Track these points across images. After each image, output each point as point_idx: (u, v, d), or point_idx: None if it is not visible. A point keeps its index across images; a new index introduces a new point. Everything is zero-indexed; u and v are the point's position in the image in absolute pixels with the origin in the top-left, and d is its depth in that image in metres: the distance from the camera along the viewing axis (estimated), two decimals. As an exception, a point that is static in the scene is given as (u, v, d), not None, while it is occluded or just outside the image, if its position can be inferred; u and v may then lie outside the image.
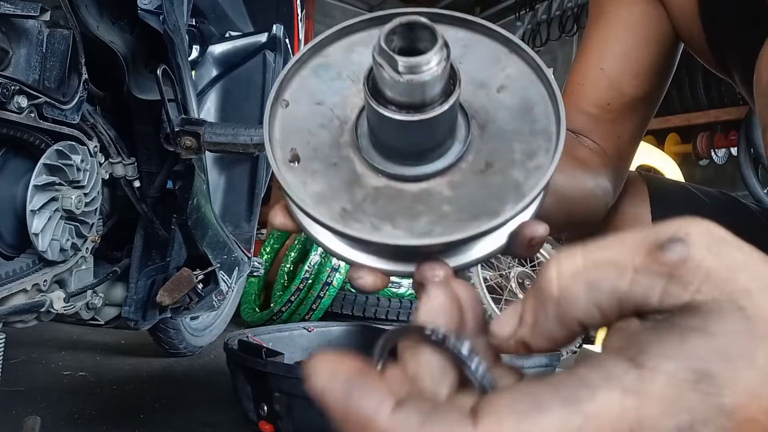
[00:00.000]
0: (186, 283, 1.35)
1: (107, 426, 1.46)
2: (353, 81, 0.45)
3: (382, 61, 0.36)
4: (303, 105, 0.44)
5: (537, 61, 0.43)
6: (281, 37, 1.69)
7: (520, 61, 0.44)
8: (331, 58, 0.46)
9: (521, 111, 0.43)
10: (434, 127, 0.39)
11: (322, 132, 0.44)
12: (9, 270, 1.07)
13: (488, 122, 0.43)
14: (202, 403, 1.68)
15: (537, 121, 0.43)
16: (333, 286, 2.65)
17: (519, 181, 0.40)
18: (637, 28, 0.82)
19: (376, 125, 0.41)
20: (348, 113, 0.44)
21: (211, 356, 2.24)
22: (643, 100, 0.84)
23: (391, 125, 0.39)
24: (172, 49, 1.20)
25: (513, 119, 0.43)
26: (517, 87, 0.44)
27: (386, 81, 0.37)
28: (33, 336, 2.18)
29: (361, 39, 0.46)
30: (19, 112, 0.98)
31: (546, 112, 0.43)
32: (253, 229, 1.79)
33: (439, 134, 0.41)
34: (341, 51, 0.46)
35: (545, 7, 5.93)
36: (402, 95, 0.37)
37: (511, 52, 0.45)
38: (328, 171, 0.43)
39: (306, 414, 1.37)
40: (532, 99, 0.43)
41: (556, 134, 0.41)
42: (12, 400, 1.55)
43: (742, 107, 3.96)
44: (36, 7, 1.00)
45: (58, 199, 1.12)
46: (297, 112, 0.44)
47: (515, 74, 0.44)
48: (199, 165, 1.35)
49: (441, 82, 0.37)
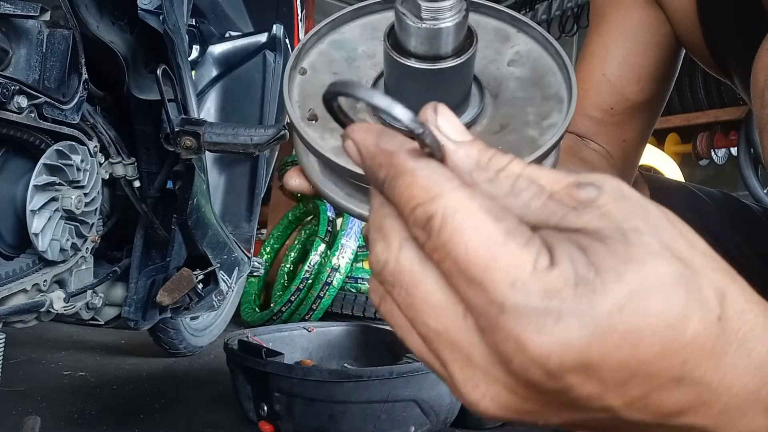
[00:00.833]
0: (186, 283, 1.35)
1: (107, 426, 1.46)
2: (368, 56, 0.47)
3: (404, 9, 0.37)
4: (320, 74, 0.47)
5: (545, 36, 0.45)
6: (281, 37, 1.69)
7: (528, 38, 0.46)
8: (347, 35, 0.48)
9: (532, 80, 0.45)
10: (451, 80, 0.41)
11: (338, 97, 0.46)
12: (9, 270, 1.07)
13: (500, 92, 0.45)
14: (202, 403, 1.68)
15: (548, 87, 0.44)
16: (333, 286, 2.65)
17: (534, 137, 0.42)
18: (638, 33, 0.83)
19: (394, 81, 0.42)
20: (363, 83, 0.46)
21: (211, 356, 2.24)
22: (647, 104, 0.84)
23: (410, 78, 0.40)
24: (172, 49, 1.20)
25: (525, 88, 0.45)
26: (528, 60, 0.46)
27: (408, 28, 0.38)
28: (33, 336, 2.18)
29: (376, 20, 0.48)
30: (19, 112, 0.98)
31: (556, 80, 0.44)
32: (253, 229, 1.79)
33: (456, 91, 0.42)
34: (356, 29, 0.48)
35: (545, 7, 5.93)
36: (423, 43, 0.38)
37: (519, 31, 0.47)
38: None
39: (306, 414, 1.37)
40: (542, 69, 0.45)
41: (568, 97, 0.43)
42: (12, 400, 1.55)
43: (742, 107, 3.96)
44: (36, 7, 1.00)
45: (58, 199, 1.12)
46: (314, 79, 0.46)
47: (524, 50, 0.46)
48: (199, 165, 1.35)
49: (460, 33, 0.39)
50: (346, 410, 1.36)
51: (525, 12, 5.98)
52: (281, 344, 1.72)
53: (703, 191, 0.93)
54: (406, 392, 1.39)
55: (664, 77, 0.86)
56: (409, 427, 1.42)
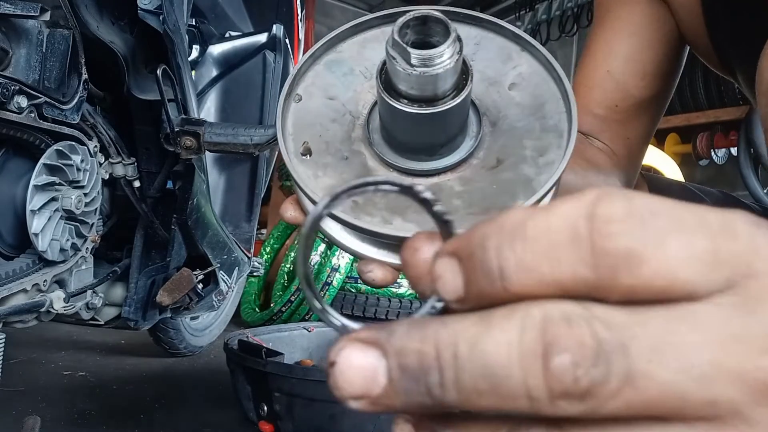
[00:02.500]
0: (186, 283, 1.35)
1: (107, 426, 1.45)
2: (366, 77, 0.45)
3: (395, 53, 0.36)
4: (316, 99, 0.45)
5: (549, 59, 0.43)
6: (281, 37, 1.69)
7: (531, 58, 0.45)
8: (344, 54, 0.46)
9: (532, 108, 0.43)
10: (445, 121, 0.39)
11: (334, 126, 0.44)
12: (9, 270, 1.07)
13: (499, 119, 0.43)
14: (202, 403, 1.68)
15: (548, 117, 0.43)
16: (333, 286, 2.65)
17: (530, 177, 0.41)
18: (642, 29, 0.82)
19: (388, 119, 0.41)
20: (360, 109, 0.45)
21: (211, 356, 2.24)
22: (651, 101, 0.84)
23: (403, 119, 0.39)
24: (172, 49, 1.20)
25: (524, 116, 0.43)
26: (529, 84, 0.44)
27: (399, 74, 0.37)
28: (33, 336, 2.18)
29: (374, 36, 0.46)
30: (19, 112, 0.98)
31: (557, 110, 0.43)
32: (253, 229, 1.79)
33: (451, 129, 0.41)
34: (354, 47, 0.46)
35: (545, 7, 5.93)
36: (414, 88, 0.37)
37: (522, 50, 0.45)
38: (339, 164, 0.43)
39: (306, 414, 1.37)
40: (544, 96, 0.43)
41: (567, 131, 0.42)
42: (12, 400, 1.55)
43: (742, 107, 3.96)
44: (36, 7, 1.00)
45: (58, 199, 1.12)
46: (310, 106, 0.45)
47: (527, 72, 0.44)
48: (199, 165, 1.35)
49: (453, 76, 0.37)
50: (346, 410, 1.36)
51: (525, 12, 5.98)
52: (281, 344, 1.72)
53: (703, 191, 0.93)
54: (406, 392, 1.39)
55: (669, 73, 0.85)
56: (409, 427, 1.42)
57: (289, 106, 0.44)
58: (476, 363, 0.21)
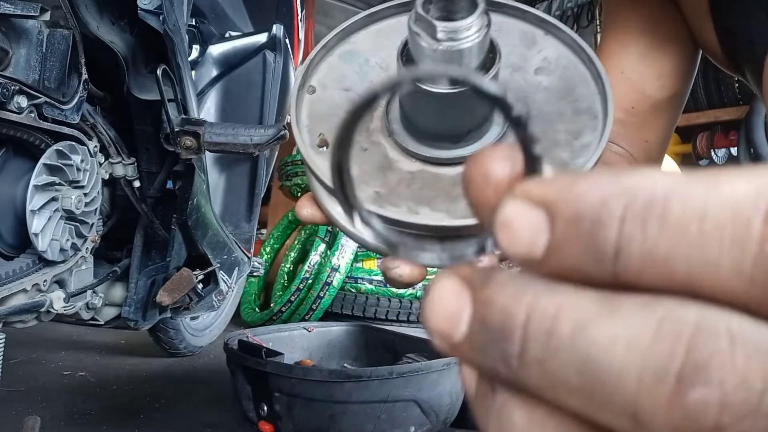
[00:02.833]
0: (186, 283, 1.35)
1: (107, 426, 1.45)
2: (382, 68, 0.43)
3: (418, 29, 0.34)
4: (330, 91, 0.43)
5: (577, 41, 0.41)
6: (281, 37, 1.69)
7: (557, 42, 0.43)
8: (358, 45, 0.44)
9: (562, 92, 0.41)
10: (472, 101, 0.37)
11: None
12: (9, 270, 1.07)
13: (527, 105, 0.41)
14: (202, 403, 1.68)
15: (580, 100, 0.41)
16: (333, 286, 2.65)
17: (565, 161, 0.39)
18: (655, 29, 0.81)
19: (410, 104, 0.39)
20: None
21: (211, 356, 2.24)
22: (668, 101, 0.82)
23: (427, 101, 0.37)
24: (172, 49, 1.20)
25: (554, 100, 0.41)
26: (556, 68, 0.42)
27: (423, 50, 0.34)
28: (33, 336, 2.18)
29: (388, 26, 0.45)
30: (19, 112, 0.98)
31: (589, 92, 0.41)
32: (253, 229, 1.79)
33: (477, 112, 0.39)
34: (368, 38, 0.44)
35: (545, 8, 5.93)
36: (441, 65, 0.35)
37: (547, 34, 0.43)
38: (358, 156, 0.41)
39: (306, 414, 1.37)
40: (573, 79, 0.41)
41: (603, 112, 0.40)
42: (12, 400, 1.55)
43: (742, 107, 3.96)
44: (36, 7, 1.00)
45: (58, 199, 1.12)
46: (324, 97, 0.43)
47: (553, 56, 0.42)
48: (199, 165, 1.35)
49: (480, 52, 0.35)
50: (346, 410, 1.36)
51: (525, 12, 5.97)
52: (281, 344, 1.72)
53: None
54: (405, 392, 1.39)
55: (685, 73, 0.83)
56: (409, 427, 1.42)
57: (303, 98, 0.43)
58: (576, 351, 0.16)
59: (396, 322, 2.66)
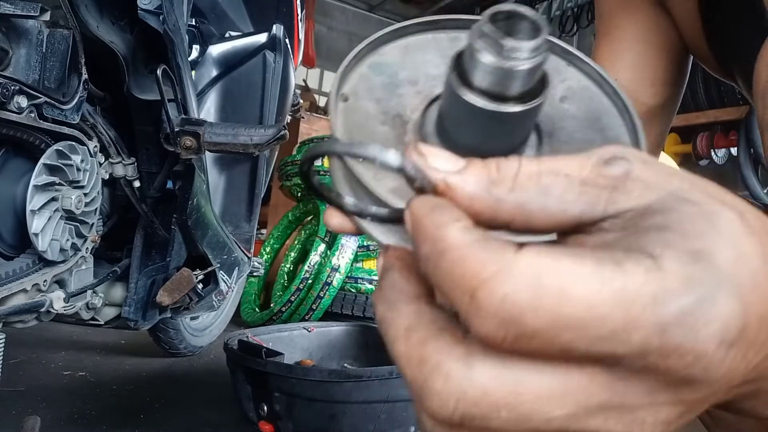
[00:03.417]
0: (186, 283, 1.35)
1: (107, 426, 1.46)
2: (411, 83, 0.44)
3: (483, 44, 0.34)
4: (363, 101, 0.43)
5: (600, 73, 0.42)
6: (281, 37, 1.69)
7: (579, 73, 0.43)
8: (387, 57, 0.45)
9: (589, 121, 0.42)
10: (521, 123, 0.37)
11: (384, 129, 0.42)
12: (9, 270, 1.07)
13: (555, 130, 0.42)
14: (202, 403, 1.68)
15: (607, 129, 0.41)
16: (333, 286, 2.65)
17: None
18: (648, 36, 0.82)
19: (454, 120, 0.39)
20: (409, 114, 0.43)
21: (211, 356, 2.24)
22: (661, 108, 0.84)
23: (477, 119, 0.37)
24: (172, 49, 1.20)
25: (581, 128, 0.42)
26: (581, 99, 0.43)
27: (484, 67, 0.34)
28: (33, 336, 2.18)
29: (416, 42, 0.45)
30: (19, 112, 0.98)
31: (615, 123, 0.41)
32: (253, 229, 1.79)
33: (523, 133, 0.39)
34: (397, 51, 0.45)
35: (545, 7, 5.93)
36: (498, 84, 0.35)
37: (569, 65, 0.43)
38: None
39: (306, 414, 1.37)
40: (598, 110, 0.42)
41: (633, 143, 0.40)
42: (12, 400, 1.55)
43: (742, 107, 3.96)
44: (36, 7, 1.00)
45: (58, 199, 1.12)
46: (357, 107, 0.43)
47: (576, 86, 0.43)
48: (199, 165, 1.35)
49: (536, 75, 0.35)
50: (346, 410, 1.36)
51: (525, 12, 5.96)
52: (281, 344, 1.72)
53: None
54: (406, 392, 1.39)
55: (677, 80, 0.85)
56: (409, 427, 1.42)
57: (338, 106, 0.42)
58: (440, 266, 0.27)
59: (396, 322, 2.66)
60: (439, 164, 0.31)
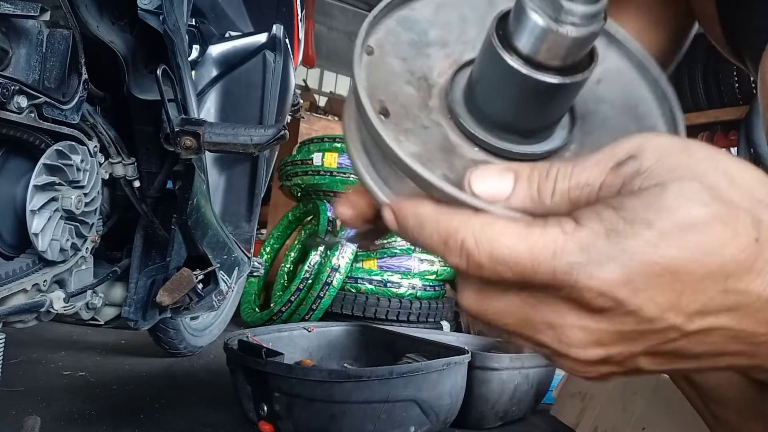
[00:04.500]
0: (186, 283, 1.35)
1: (107, 426, 1.45)
2: (441, 45, 0.41)
3: (535, 4, 0.31)
4: (388, 57, 0.40)
5: (642, 58, 0.39)
6: (281, 37, 1.69)
7: (618, 54, 0.40)
8: (418, 12, 0.41)
9: (624, 107, 0.40)
10: (561, 98, 0.35)
11: (408, 90, 0.39)
12: (9, 270, 1.07)
13: (588, 113, 0.40)
14: (202, 403, 1.68)
15: (643, 118, 0.39)
16: (333, 286, 2.65)
17: None
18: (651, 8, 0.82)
19: (488, 87, 0.36)
20: (435, 77, 0.40)
21: (211, 356, 2.24)
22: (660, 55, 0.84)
23: (514, 87, 0.34)
24: (172, 49, 1.20)
25: (616, 114, 0.39)
26: (617, 82, 0.40)
27: (534, 29, 0.31)
28: (33, 336, 2.18)
29: (449, 1, 0.42)
30: (19, 112, 0.98)
31: (653, 113, 0.39)
32: (253, 229, 1.79)
33: (558, 110, 0.37)
34: (429, 7, 0.42)
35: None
36: (545, 50, 0.32)
37: (610, 44, 0.41)
38: (421, 133, 0.38)
39: (306, 414, 1.37)
40: (635, 97, 0.40)
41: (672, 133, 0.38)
42: (12, 400, 1.55)
43: (742, 107, 3.96)
44: (36, 7, 1.00)
45: (58, 199, 1.12)
46: (382, 62, 0.40)
47: (613, 68, 0.40)
48: (199, 165, 1.35)
49: (588, 46, 0.33)
50: (346, 410, 1.36)
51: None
52: (281, 344, 1.72)
53: None
54: (406, 392, 1.39)
55: (674, 51, 0.85)
56: (409, 427, 1.42)
57: (362, 58, 0.39)
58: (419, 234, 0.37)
59: (396, 322, 2.66)
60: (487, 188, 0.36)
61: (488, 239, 0.33)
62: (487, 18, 0.36)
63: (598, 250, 0.32)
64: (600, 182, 0.34)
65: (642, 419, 1.39)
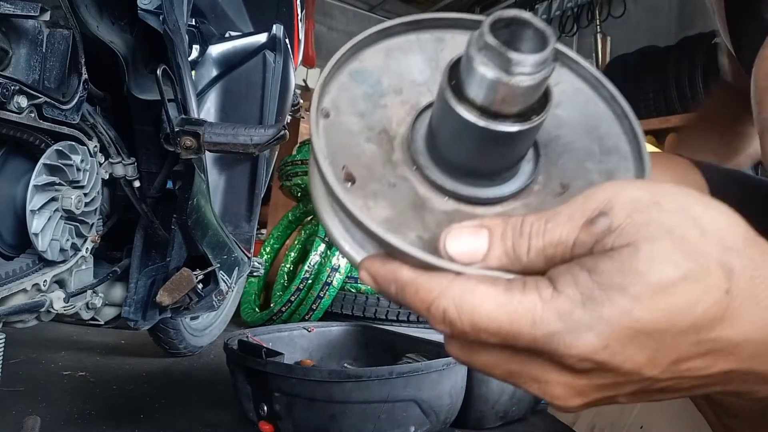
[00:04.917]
0: (186, 283, 1.35)
1: (107, 426, 1.45)
2: (395, 92, 0.40)
3: (484, 58, 0.30)
4: (345, 116, 0.39)
5: (596, 76, 0.39)
6: (281, 37, 1.69)
7: (572, 75, 0.40)
8: (368, 63, 0.40)
9: (585, 128, 0.39)
10: (520, 142, 0.35)
11: (370, 147, 0.38)
12: (9, 270, 1.07)
13: (551, 140, 0.39)
14: (202, 403, 1.68)
15: (605, 138, 0.39)
16: (333, 286, 2.65)
17: None
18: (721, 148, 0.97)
19: (446, 136, 0.36)
20: (395, 128, 0.39)
21: (211, 356, 2.24)
22: None
23: (472, 137, 0.34)
24: (172, 49, 1.20)
25: (578, 137, 0.39)
26: (575, 103, 0.40)
27: (484, 81, 0.31)
28: (33, 336, 2.18)
29: (399, 44, 0.41)
30: (19, 112, 0.98)
31: (614, 131, 0.39)
32: (253, 229, 1.79)
33: (520, 151, 0.36)
34: (379, 56, 0.41)
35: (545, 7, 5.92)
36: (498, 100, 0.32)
37: (562, 66, 0.40)
38: (388, 193, 0.37)
39: (306, 414, 1.37)
40: (594, 116, 0.39)
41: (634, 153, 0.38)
42: (12, 400, 1.55)
43: (742, 107, 3.96)
44: (36, 7, 1.00)
45: (58, 199, 1.12)
46: (339, 123, 0.39)
47: (570, 89, 0.40)
48: (199, 165, 1.35)
49: (539, 92, 0.33)
50: (346, 410, 1.36)
51: (525, 12, 5.96)
52: (281, 344, 1.72)
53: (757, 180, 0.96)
54: (406, 392, 1.39)
55: None
56: (409, 427, 1.42)
57: (319, 124, 0.38)
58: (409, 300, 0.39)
59: (396, 322, 2.66)
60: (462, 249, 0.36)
61: (469, 309, 0.34)
62: (438, 57, 0.37)
63: (576, 318, 0.33)
64: (573, 239, 0.35)
65: (640, 417, 1.39)
